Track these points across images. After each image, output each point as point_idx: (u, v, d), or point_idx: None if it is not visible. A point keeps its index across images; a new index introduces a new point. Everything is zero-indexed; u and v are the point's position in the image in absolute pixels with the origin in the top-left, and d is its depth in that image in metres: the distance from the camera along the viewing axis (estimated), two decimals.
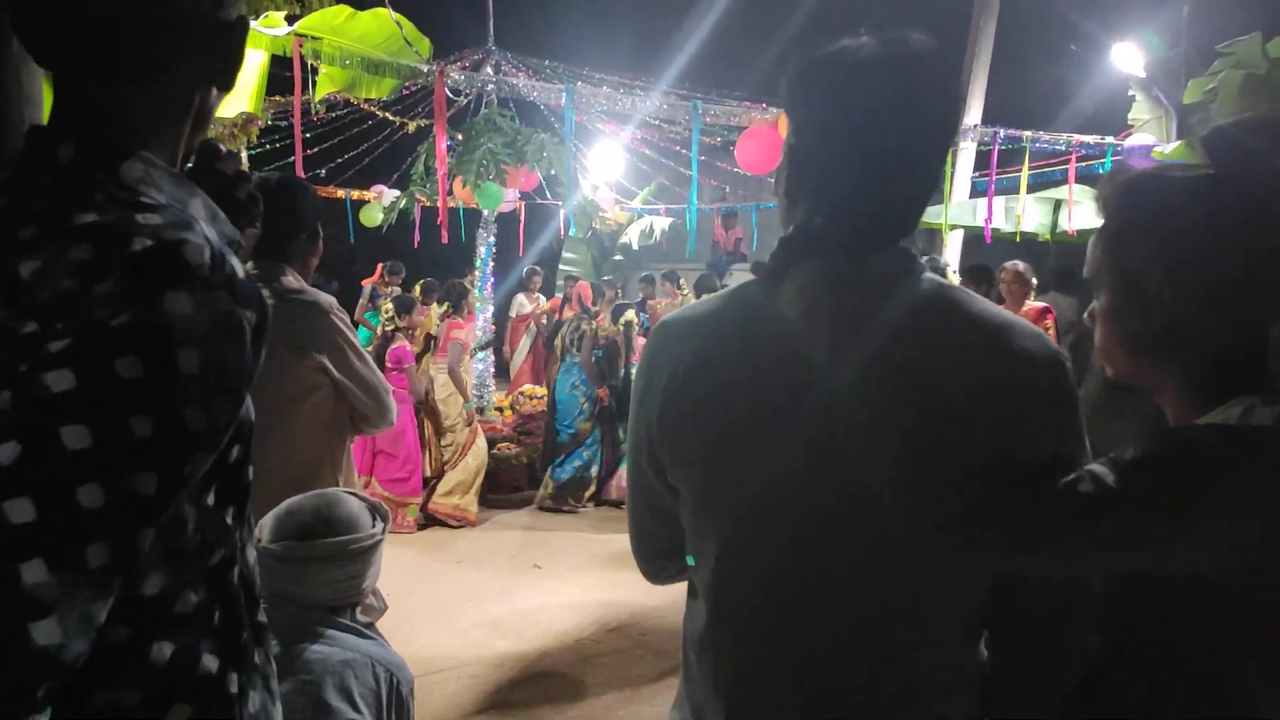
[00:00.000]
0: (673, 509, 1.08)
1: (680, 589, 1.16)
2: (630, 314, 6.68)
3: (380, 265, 8.87)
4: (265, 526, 1.61)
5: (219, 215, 0.83)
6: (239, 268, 0.78)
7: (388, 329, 5.74)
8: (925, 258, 1.19)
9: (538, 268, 9.23)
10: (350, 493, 1.70)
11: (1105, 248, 0.99)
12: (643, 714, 3.29)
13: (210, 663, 0.77)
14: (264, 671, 0.84)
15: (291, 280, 2.19)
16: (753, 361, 0.97)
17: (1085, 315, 1.05)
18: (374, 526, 1.64)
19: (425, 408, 5.88)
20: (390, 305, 5.82)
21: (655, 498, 1.10)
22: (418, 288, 8.99)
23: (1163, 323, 0.93)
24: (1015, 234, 6.77)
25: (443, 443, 5.95)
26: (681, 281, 8.69)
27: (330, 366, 2.12)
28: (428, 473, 5.86)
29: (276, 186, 2.22)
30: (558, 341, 6.89)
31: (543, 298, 9.51)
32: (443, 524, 5.80)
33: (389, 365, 5.58)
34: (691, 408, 1.00)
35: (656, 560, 1.18)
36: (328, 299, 2.19)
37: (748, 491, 0.97)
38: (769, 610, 0.98)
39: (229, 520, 0.81)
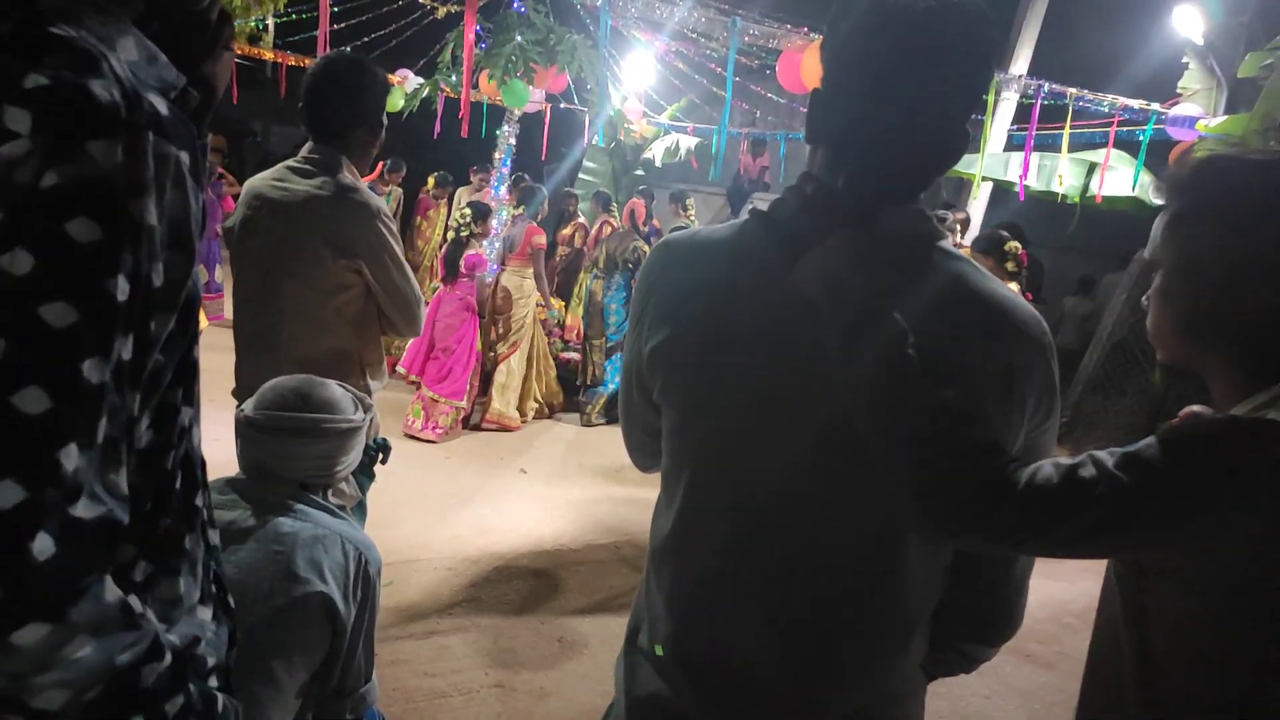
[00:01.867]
0: (658, 425, 1.11)
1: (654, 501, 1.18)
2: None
3: (380, 164, 8.73)
4: (251, 400, 1.64)
5: (158, 58, 0.74)
6: (162, 105, 0.70)
7: (463, 234, 5.71)
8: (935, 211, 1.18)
9: (488, 165, 8.90)
10: (342, 386, 1.72)
11: (1170, 228, 0.99)
12: (609, 623, 3.38)
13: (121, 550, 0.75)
14: (192, 557, 0.81)
15: (347, 175, 2.14)
16: (750, 300, 0.98)
17: (1143, 298, 1.05)
18: (354, 414, 1.67)
19: (489, 314, 5.92)
20: (467, 210, 5.78)
21: (642, 414, 1.14)
22: (431, 180, 8.90)
23: (1215, 306, 0.93)
24: (1048, 193, 6.63)
25: (504, 349, 6.04)
26: (689, 203, 8.54)
27: (367, 272, 2.10)
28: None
29: (345, 67, 2.16)
30: (599, 256, 6.69)
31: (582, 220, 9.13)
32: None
33: (462, 271, 5.65)
34: (682, 334, 1.02)
35: (649, 459, 1.22)
36: (377, 202, 2.15)
37: (729, 422, 0.99)
38: (732, 537, 1.00)
39: (177, 401, 0.78)
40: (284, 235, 2.07)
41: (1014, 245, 4.82)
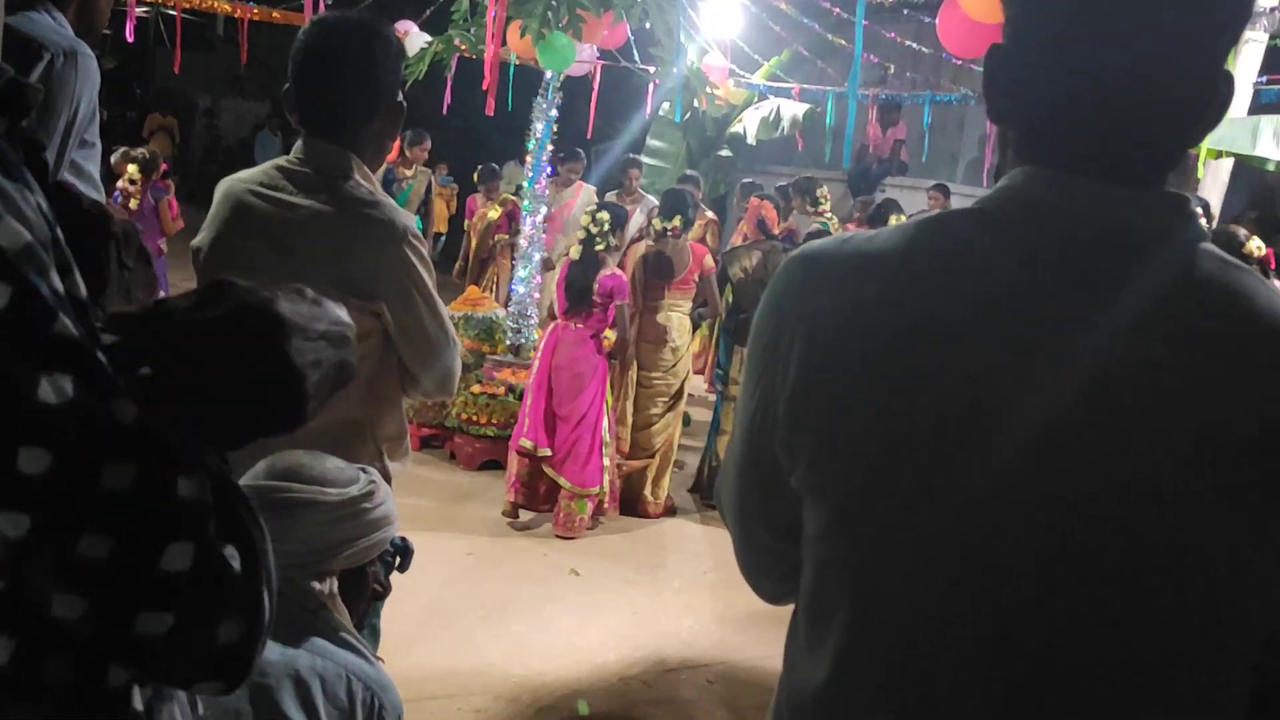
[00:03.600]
0: (794, 525, 1.10)
1: (767, 620, 1.20)
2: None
3: (398, 138, 8.96)
4: None
5: None
6: None
7: (598, 247, 5.65)
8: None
9: (580, 152, 9.06)
10: (361, 469, 1.81)
11: None
12: None
13: (117, 676, 0.85)
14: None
15: (360, 182, 2.16)
16: (941, 333, 0.96)
17: None
18: (352, 488, 1.75)
19: (623, 357, 6.05)
20: (603, 215, 5.73)
21: (775, 505, 1.12)
22: (474, 176, 9.08)
23: None
24: (1256, 159, 6.51)
25: (649, 408, 6.25)
26: (821, 194, 8.56)
27: (388, 316, 2.12)
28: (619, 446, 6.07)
29: (352, 37, 2.17)
30: (732, 279, 6.56)
31: (589, 188, 9.22)
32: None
33: (596, 299, 5.63)
34: (840, 388, 1.00)
35: (781, 582, 1.18)
36: (404, 220, 2.16)
37: (917, 520, 0.98)
38: (938, 684, 0.99)
39: None
40: (277, 268, 2.09)
41: (1255, 244, 4.76)
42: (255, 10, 9.10)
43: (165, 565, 0.76)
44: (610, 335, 5.69)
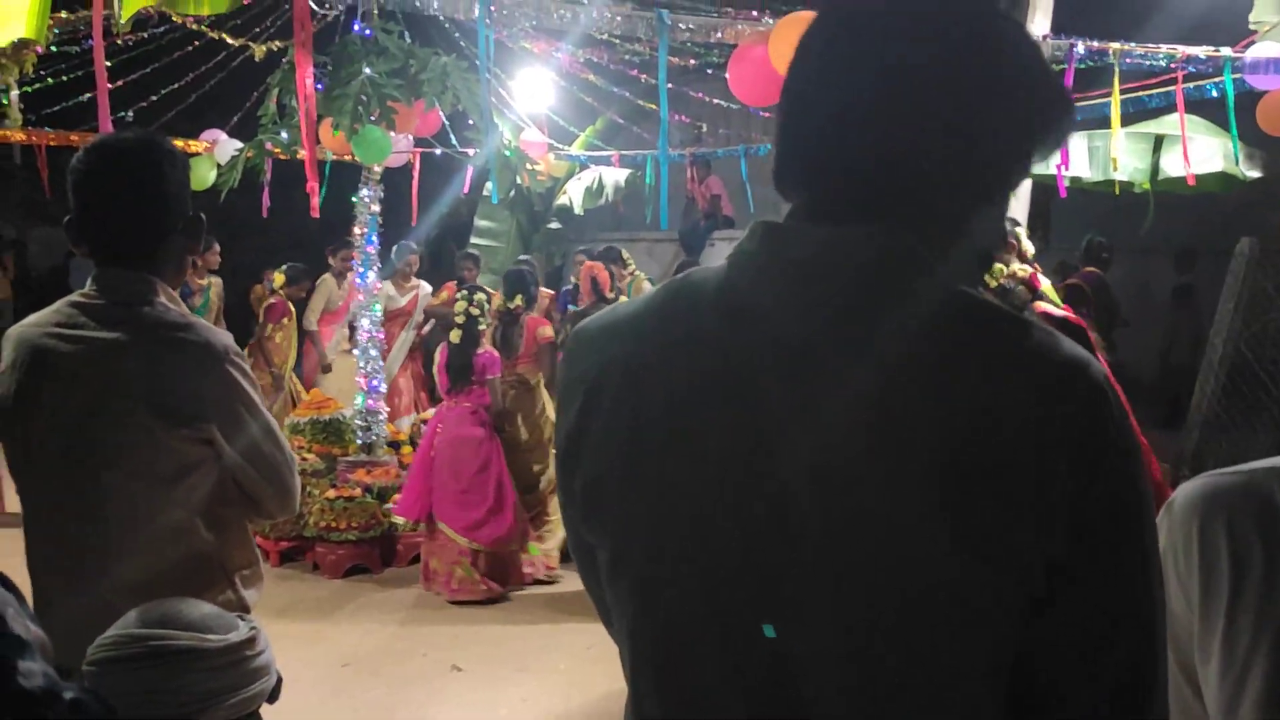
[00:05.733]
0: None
1: None
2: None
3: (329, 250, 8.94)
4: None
5: None
6: None
7: (480, 326, 6.19)
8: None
9: (414, 245, 9.18)
10: (239, 616, 1.79)
11: None
12: None
13: None
14: None
15: (165, 304, 2.10)
16: (675, 376, 1.03)
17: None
18: (231, 636, 1.71)
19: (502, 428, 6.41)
20: (480, 296, 6.28)
21: (595, 586, 1.16)
22: (278, 276, 8.95)
23: None
24: (1105, 182, 6.93)
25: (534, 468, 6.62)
26: (626, 256, 8.75)
27: (219, 439, 2.07)
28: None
29: (134, 154, 2.11)
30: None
31: (426, 285, 9.44)
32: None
33: (474, 377, 6.14)
34: (599, 442, 1.06)
35: None
36: (222, 339, 2.12)
37: (659, 562, 1.03)
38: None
39: None
40: (88, 405, 2.01)
41: (1018, 266, 5.00)
42: (51, 136, 8.79)
43: None
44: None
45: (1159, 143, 7.01)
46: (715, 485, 0.98)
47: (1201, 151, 6.85)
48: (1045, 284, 4.68)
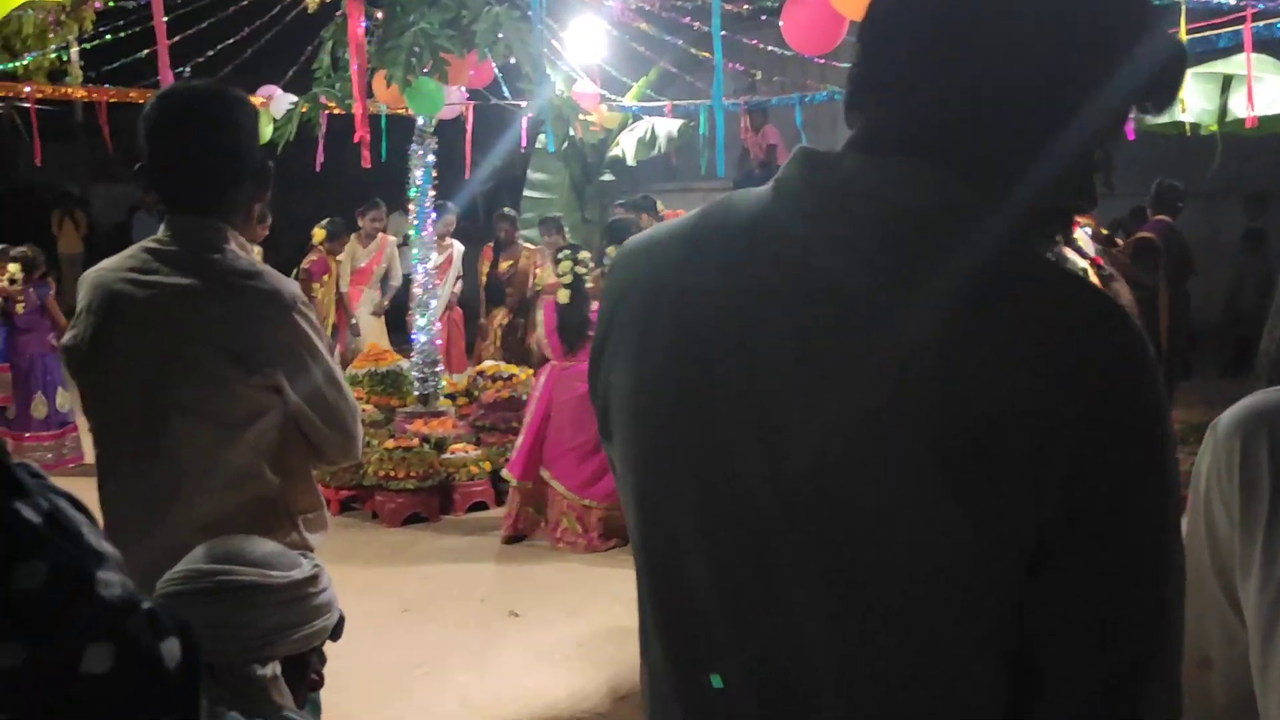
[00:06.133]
0: None
1: None
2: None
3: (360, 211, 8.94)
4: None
5: None
6: None
7: (587, 285, 6.09)
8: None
9: (451, 205, 9.22)
10: (302, 554, 1.86)
11: None
12: None
13: None
14: None
15: (235, 251, 2.13)
16: (691, 302, 0.99)
17: None
18: (294, 573, 1.77)
19: None
20: (584, 254, 6.22)
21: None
22: (319, 232, 9.01)
23: None
24: (1172, 124, 6.75)
25: None
26: (660, 207, 8.75)
27: (285, 386, 2.09)
28: None
29: (203, 104, 2.14)
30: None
31: (458, 244, 9.50)
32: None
33: (589, 335, 5.96)
34: (631, 365, 1.03)
35: None
36: (291, 288, 2.15)
37: (681, 496, 0.99)
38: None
39: None
40: (161, 350, 2.05)
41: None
42: (112, 92, 8.89)
43: (86, 667, 0.73)
44: None
45: (1228, 83, 6.79)
46: (717, 428, 0.95)
47: (1271, 92, 6.65)
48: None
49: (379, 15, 6.69)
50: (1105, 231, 6.39)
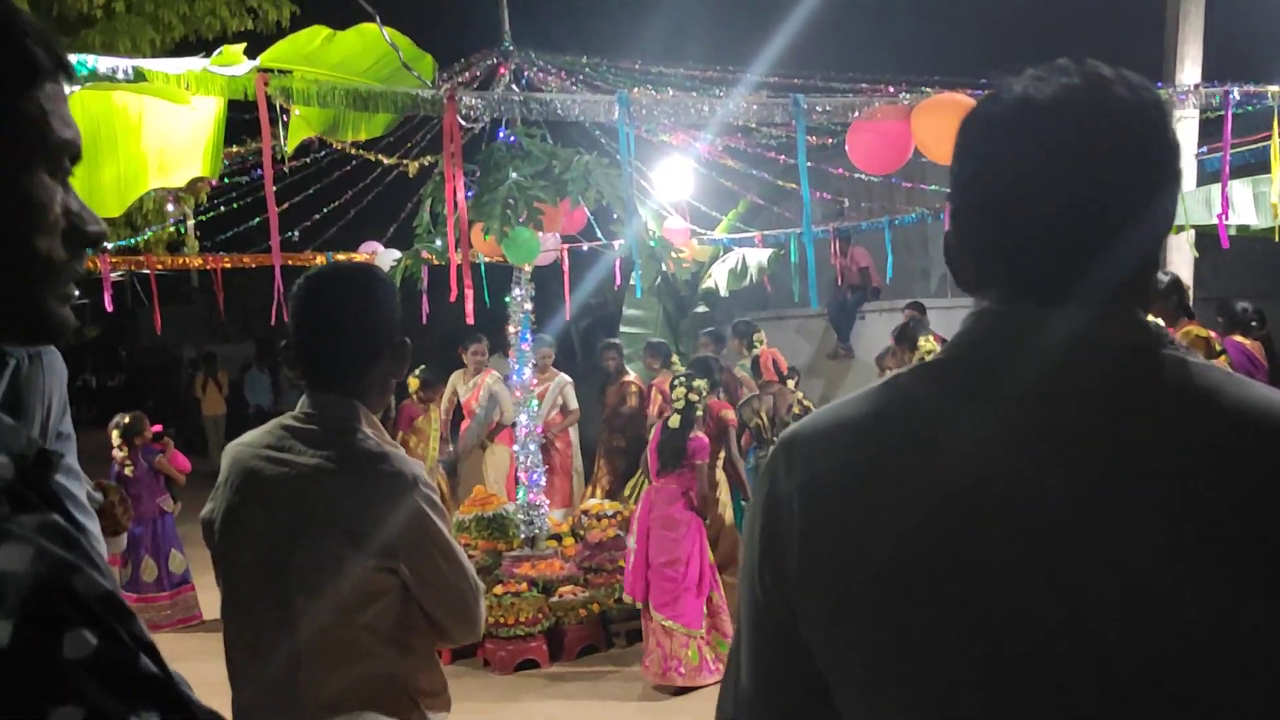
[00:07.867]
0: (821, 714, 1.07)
1: None
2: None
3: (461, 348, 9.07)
4: None
5: None
6: None
7: (697, 413, 6.35)
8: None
9: (548, 338, 9.21)
10: None
11: None
12: None
13: None
14: None
15: (367, 432, 2.15)
16: (937, 476, 0.99)
17: None
18: None
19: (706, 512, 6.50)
20: (700, 383, 6.38)
21: (792, 694, 1.09)
22: (413, 381, 9.14)
23: None
24: (1272, 229, 6.64)
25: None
26: (757, 337, 8.71)
27: (407, 573, 2.09)
28: None
29: (345, 283, 2.20)
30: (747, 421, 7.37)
31: (564, 376, 9.47)
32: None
33: (684, 462, 6.26)
34: (855, 552, 1.01)
35: None
36: (414, 467, 2.14)
37: (953, 671, 0.97)
38: None
39: None
40: (285, 529, 2.08)
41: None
42: (227, 259, 9.34)
43: None
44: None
45: None
46: (1007, 609, 0.94)
47: None
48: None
49: (475, 171, 6.91)
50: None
